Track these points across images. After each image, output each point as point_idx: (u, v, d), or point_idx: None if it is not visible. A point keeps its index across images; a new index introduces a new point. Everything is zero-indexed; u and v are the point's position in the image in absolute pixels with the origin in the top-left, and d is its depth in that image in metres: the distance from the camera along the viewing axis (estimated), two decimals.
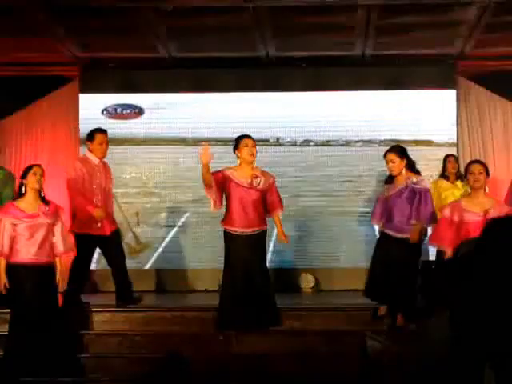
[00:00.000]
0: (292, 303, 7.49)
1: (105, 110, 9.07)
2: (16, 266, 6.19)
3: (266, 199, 6.75)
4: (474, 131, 9.00)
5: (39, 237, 6.24)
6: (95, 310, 6.95)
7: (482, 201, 6.15)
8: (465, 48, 8.46)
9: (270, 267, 7.10)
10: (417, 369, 3.95)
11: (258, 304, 6.52)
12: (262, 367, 6.18)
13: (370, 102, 8.94)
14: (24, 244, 6.20)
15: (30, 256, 6.20)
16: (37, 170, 6.31)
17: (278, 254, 8.62)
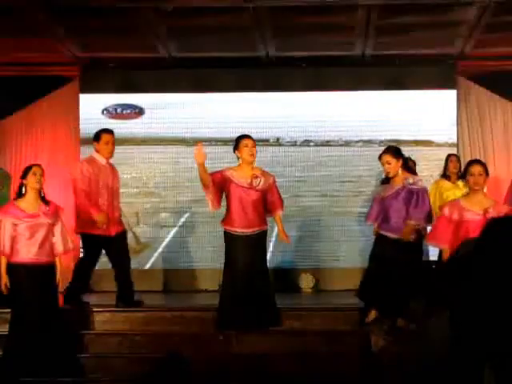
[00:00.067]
0: (292, 303, 7.49)
1: (105, 110, 9.08)
2: (16, 266, 6.19)
3: (267, 199, 6.74)
4: (474, 131, 9.00)
5: (39, 237, 6.24)
6: (95, 310, 6.95)
7: (481, 200, 6.13)
8: (465, 48, 8.46)
9: (270, 267, 7.09)
10: (417, 369, 3.95)
11: (258, 304, 6.52)
12: (261, 367, 6.18)
13: (370, 102, 8.94)
14: (24, 244, 6.20)
15: (31, 256, 6.20)
16: (37, 170, 6.31)
17: (278, 254, 8.62)
